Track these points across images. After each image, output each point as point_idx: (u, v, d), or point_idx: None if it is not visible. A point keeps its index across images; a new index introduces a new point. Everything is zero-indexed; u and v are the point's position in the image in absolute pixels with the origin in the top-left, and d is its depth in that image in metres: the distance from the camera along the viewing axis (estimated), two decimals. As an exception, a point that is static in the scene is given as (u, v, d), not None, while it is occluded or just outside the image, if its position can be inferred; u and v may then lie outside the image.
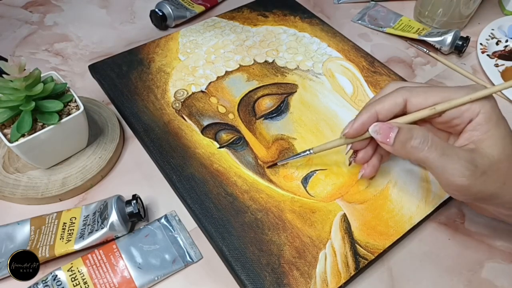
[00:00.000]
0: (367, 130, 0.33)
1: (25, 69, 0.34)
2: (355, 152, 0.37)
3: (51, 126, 0.36)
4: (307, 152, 0.38)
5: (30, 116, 0.35)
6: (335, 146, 0.37)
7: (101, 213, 0.36)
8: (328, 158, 0.41)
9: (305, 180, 0.40)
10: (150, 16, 0.58)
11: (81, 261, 0.34)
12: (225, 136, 0.43)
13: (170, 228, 0.37)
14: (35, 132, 0.35)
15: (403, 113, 0.33)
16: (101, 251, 0.35)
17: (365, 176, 0.38)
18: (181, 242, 0.37)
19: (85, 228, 0.35)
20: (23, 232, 0.36)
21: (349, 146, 0.36)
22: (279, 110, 0.46)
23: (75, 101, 0.38)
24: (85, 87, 0.50)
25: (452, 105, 0.31)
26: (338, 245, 0.35)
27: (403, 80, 0.49)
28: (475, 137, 0.31)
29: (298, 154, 0.39)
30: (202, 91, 0.47)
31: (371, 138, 0.34)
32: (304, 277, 0.34)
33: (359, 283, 0.35)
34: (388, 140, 0.32)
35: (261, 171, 0.40)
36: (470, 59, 0.56)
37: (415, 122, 0.33)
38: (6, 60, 0.44)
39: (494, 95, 0.32)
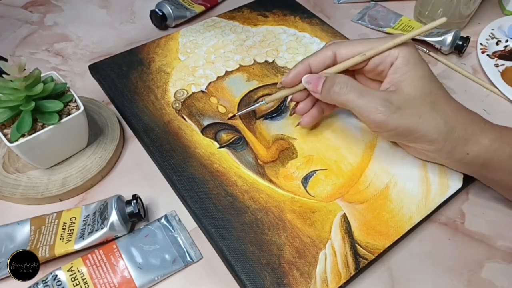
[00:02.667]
0: (301, 80, 0.38)
1: (25, 69, 0.34)
2: (297, 104, 0.41)
3: (51, 126, 0.36)
4: (260, 103, 0.41)
5: (30, 116, 0.35)
6: (280, 97, 0.41)
7: (101, 213, 0.36)
8: (328, 158, 0.41)
9: (305, 180, 0.40)
10: (150, 16, 0.58)
11: (81, 261, 0.34)
12: (225, 136, 0.43)
13: (170, 228, 0.37)
14: (35, 132, 0.35)
15: (334, 64, 0.38)
16: (101, 251, 0.35)
17: (303, 125, 0.41)
18: (181, 242, 0.37)
19: (85, 228, 0.35)
20: (23, 232, 0.36)
21: (290, 97, 0.41)
22: (279, 110, 0.46)
23: (75, 101, 0.38)
24: (85, 87, 0.50)
25: (379, 50, 0.35)
26: (338, 245, 0.35)
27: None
28: (395, 79, 0.35)
29: (254, 103, 0.43)
30: (202, 91, 0.47)
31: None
32: (304, 277, 0.34)
33: (359, 283, 0.35)
34: (317, 88, 0.37)
35: (261, 171, 0.40)
36: (470, 59, 0.56)
37: (347, 73, 0.37)
38: (6, 60, 0.44)
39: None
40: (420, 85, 0.34)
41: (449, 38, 0.54)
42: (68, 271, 0.33)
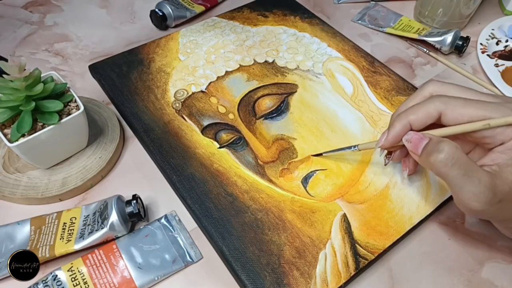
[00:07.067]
0: (401, 140, 0.34)
1: (25, 69, 0.34)
2: (390, 152, 0.38)
3: (51, 126, 0.36)
4: (352, 148, 0.39)
5: (30, 116, 0.35)
6: (374, 148, 0.37)
7: (101, 213, 0.36)
8: (328, 158, 0.41)
9: (305, 180, 0.40)
10: (150, 16, 0.58)
11: (81, 261, 0.34)
12: (225, 136, 0.43)
13: (170, 228, 0.37)
14: (35, 132, 0.35)
15: (439, 122, 0.33)
16: (101, 251, 0.35)
17: (410, 174, 0.38)
18: (181, 242, 0.37)
19: (85, 228, 0.35)
20: (23, 232, 0.36)
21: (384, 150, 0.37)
22: (279, 110, 0.46)
23: (75, 101, 0.38)
24: (85, 87, 0.50)
25: (507, 122, 0.30)
26: (338, 245, 0.35)
27: (404, 80, 0.49)
28: (501, 160, 0.30)
29: (343, 148, 0.40)
30: (202, 91, 0.47)
31: None
32: (304, 277, 0.34)
33: (359, 283, 0.35)
34: (418, 150, 0.32)
35: (261, 171, 0.40)
36: (470, 59, 0.56)
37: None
38: (6, 60, 0.44)
39: None
40: None
41: (449, 38, 0.54)
42: (68, 271, 0.33)
